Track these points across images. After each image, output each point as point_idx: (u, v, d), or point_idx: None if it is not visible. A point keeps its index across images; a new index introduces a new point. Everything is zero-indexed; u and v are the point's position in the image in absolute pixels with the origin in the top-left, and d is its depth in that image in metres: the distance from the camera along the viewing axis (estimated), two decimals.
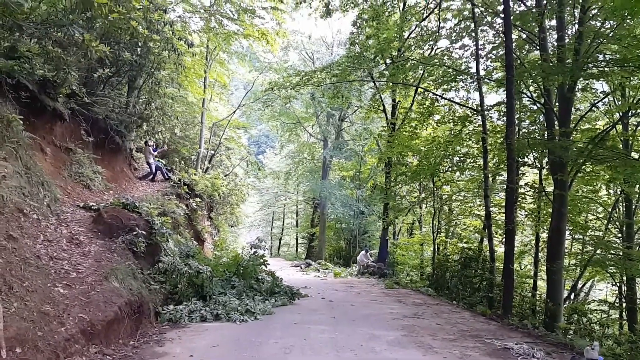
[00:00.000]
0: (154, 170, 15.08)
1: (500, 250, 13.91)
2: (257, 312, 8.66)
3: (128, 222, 8.31)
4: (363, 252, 21.80)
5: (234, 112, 22.91)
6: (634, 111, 13.31)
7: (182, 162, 18.51)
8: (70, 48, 8.46)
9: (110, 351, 5.46)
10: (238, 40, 19.51)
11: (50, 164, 9.16)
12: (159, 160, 15.76)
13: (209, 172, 19.03)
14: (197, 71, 17.81)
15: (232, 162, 23.75)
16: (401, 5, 19.06)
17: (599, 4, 10.97)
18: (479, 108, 14.65)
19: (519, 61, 13.15)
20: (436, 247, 17.53)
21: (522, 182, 15.34)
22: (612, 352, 10.19)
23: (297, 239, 43.58)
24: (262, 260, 11.57)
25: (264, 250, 12.95)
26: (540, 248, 15.36)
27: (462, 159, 16.37)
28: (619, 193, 15.00)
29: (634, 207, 14.35)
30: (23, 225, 6.30)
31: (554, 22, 12.92)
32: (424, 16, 18.12)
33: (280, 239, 46.15)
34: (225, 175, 20.49)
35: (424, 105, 16.76)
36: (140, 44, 11.32)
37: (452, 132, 16.05)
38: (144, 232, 8.31)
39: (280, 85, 18.40)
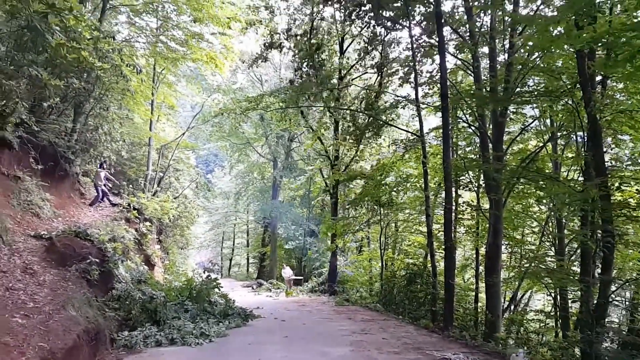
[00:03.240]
0: (101, 194, 14.88)
1: (443, 265, 14.70)
2: (211, 334, 8.90)
3: (81, 250, 8.39)
4: (287, 268, 23.05)
5: (183, 134, 22.93)
6: (559, 134, 14.58)
7: (130, 185, 18.36)
8: (20, 79, 8.52)
9: None
10: (186, 63, 19.76)
11: None
12: (105, 185, 15.61)
13: (158, 195, 18.92)
14: (144, 93, 17.76)
15: (181, 183, 23.65)
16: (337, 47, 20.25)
17: (523, 41, 12.15)
18: (419, 133, 15.58)
19: (455, 89, 14.27)
20: (384, 263, 18.26)
21: (461, 200, 16.33)
22: (543, 357, 11.18)
23: (247, 259, 43.34)
24: (215, 284, 11.78)
25: (217, 273, 13.16)
26: (480, 262, 16.23)
27: (405, 179, 17.29)
28: (550, 208, 16.21)
29: (564, 222, 15.54)
30: None
31: (486, 49, 14.03)
32: (363, 54, 19.26)
33: (230, 259, 45.70)
34: (174, 198, 20.43)
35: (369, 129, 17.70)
36: (88, 71, 11.39)
37: (395, 156, 16.99)
38: (97, 260, 8.42)
39: (231, 110, 18.88)
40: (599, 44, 8.47)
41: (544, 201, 14.74)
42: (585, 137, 11.04)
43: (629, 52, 6.20)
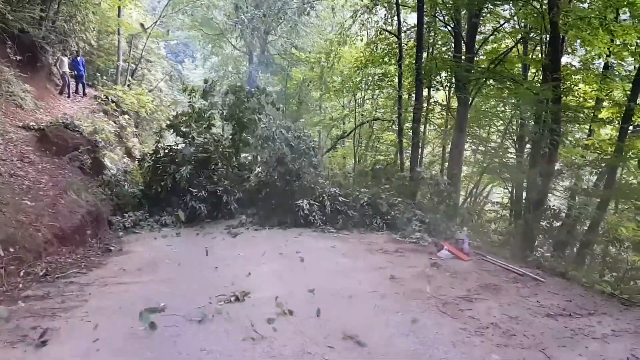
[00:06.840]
0: (68, 82, 14.26)
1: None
2: None
3: (72, 141, 8.85)
4: None
5: (155, 23, 22.03)
6: (531, 35, 14.81)
7: (103, 77, 18.02)
8: None
9: (80, 251, 6.45)
10: None
11: None
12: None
13: (132, 87, 18.75)
14: None
15: (154, 75, 23.21)
16: None
17: None
18: (397, 31, 15.59)
19: None
20: (357, 159, 19.24)
21: (432, 100, 16.94)
22: (491, 239, 12.74)
23: None
24: None
25: None
26: (445, 159, 17.36)
27: (380, 77, 17.62)
28: (513, 109, 16.88)
29: (525, 122, 16.33)
30: None
31: None
32: None
33: None
34: (149, 91, 20.28)
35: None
36: None
37: (373, 52, 17.11)
38: (88, 149, 8.91)
39: None
40: None
41: (507, 101, 15.37)
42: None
43: None
